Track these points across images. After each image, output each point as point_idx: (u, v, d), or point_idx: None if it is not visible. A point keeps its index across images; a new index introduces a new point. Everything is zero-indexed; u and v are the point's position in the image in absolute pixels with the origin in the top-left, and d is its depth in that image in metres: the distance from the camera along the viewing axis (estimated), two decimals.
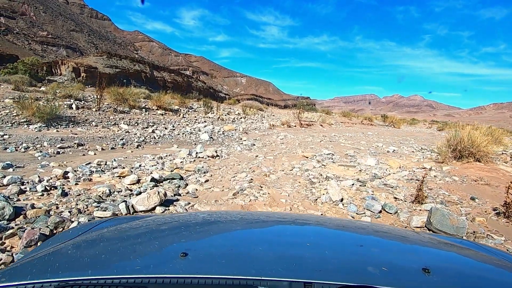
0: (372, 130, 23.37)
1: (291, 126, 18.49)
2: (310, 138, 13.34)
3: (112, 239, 1.06)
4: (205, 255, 0.89)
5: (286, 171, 5.77)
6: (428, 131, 30.08)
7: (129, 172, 4.52)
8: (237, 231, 1.20)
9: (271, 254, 0.90)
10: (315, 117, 25.16)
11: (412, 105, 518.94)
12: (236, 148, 8.98)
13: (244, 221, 1.32)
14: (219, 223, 1.28)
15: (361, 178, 5.28)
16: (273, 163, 6.80)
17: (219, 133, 12.20)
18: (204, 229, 1.17)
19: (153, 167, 5.28)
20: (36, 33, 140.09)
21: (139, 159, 6.34)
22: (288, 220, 1.40)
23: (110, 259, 0.87)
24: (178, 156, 6.83)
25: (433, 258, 1.04)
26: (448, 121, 60.32)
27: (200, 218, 1.37)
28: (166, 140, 9.62)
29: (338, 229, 1.30)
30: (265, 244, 1.02)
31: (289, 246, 1.00)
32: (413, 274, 0.83)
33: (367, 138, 16.03)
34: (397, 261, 0.96)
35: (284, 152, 8.75)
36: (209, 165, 6.03)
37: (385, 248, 1.11)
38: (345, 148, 10.98)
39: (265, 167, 6.16)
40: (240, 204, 3.81)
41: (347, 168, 6.29)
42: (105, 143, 8.06)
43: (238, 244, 1.04)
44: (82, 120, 9.81)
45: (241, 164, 6.51)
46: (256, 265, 0.81)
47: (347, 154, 8.83)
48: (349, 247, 1.09)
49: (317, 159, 7.41)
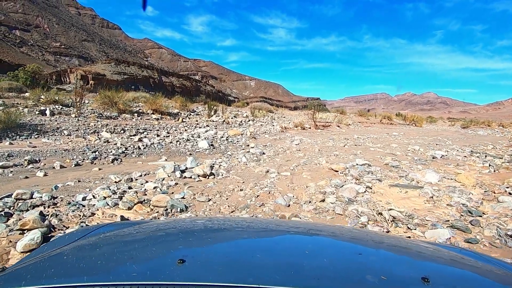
0: (395, 130, 20.96)
1: (305, 128, 16.34)
2: (330, 142, 11.16)
3: (109, 245, 1.04)
4: (203, 262, 0.86)
5: (315, 203, 3.66)
6: (452, 129, 27.57)
7: (38, 222, 2.50)
8: (235, 238, 1.17)
9: (269, 261, 0.89)
10: (331, 117, 22.88)
11: (425, 102, 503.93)
12: (241, 158, 6.95)
13: (242, 228, 1.30)
14: (217, 230, 1.25)
15: (451, 218, 3.08)
16: (292, 184, 4.72)
17: (222, 139, 10.21)
18: (202, 236, 1.15)
19: (102, 201, 3.31)
20: (49, 44, 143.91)
21: (96, 183, 4.40)
22: (286, 227, 1.38)
23: (106, 265, 0.85)
24: (157, 175, 4.86)
25: (432, 267, 1.02)
26: (465, 118, 57.01)
27: (198, 224, 1.36)
28: (154, 151, 7.69)
29: (336, 237, 1.26)
30: (263, 251, 1.00)
31: (287, 254, 0.97)
32: (412, 283, 0.80)
33: (396, 139, 13.70)
34: (396, 270, 0.93)
35: (303, 164, 6.65)
36: (195, 193, 4.01)
37: (384, 257, 1.07)
38: (377, 154, 8.78)
39: (281, 194, 4.08)
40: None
41: (406, 191, 4.13)
42: (69, 158, 6.19)
43: (236, 251, 1.01)
44: (52, 128, 8.03)
45: (244, 187, 4.47)
46: (254, 272, 0.80)
47: (388, 164, 6.64)
48: (347, 255, 1.04)
49: (352, 174, 5.28)
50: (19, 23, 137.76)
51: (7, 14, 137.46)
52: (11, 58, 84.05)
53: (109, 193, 3.60)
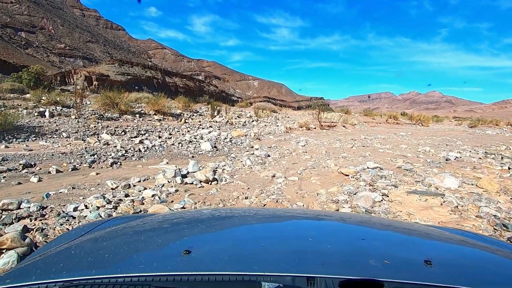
0: (402, 129, 20.52)
1: (310, 129, 15.98)
2: (337, 143, 10.80)
3: (115, 238, 1.04)
4: (208, 252, 0.87)
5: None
6: (460, 128, 27.08)
7: (17, 241, 2.19)
8: (239, 227, 1.18)
9: (273, 249, 0.90)
10: (335, 117, 22.48)
11: (430, 101, 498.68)
12: (245, 161, 6.64)
13: (246, 217, 1.30)
14: (221, 220, 1.25)
15: (484, 233, 2.73)
16: (300, 191, 4.39)
17: (226, 140, 9.91)
18: (207, 226, 1.15)
19: (94, 212, 3.02)
20: (54, 46, 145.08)
21: (92, 190, 4.11)
22: (289, 215, 1.39)
23: (113, 258, 0.85)
24: (156, 180, 4.57)
25: (434, 250, 1.02)
26: (471, 117, 56.22)
27: (203, 215, 1.34)
28: (155, 153, 7.41)
29: (339, 223, 1.28)
30: (267, 239, 1.00)
31: (291, 241, 0.98)
32: (415, 266, 0.82)
33: (404, 140, 13.29)
34: (399, 254, 0.94)
35: (311, 167, 6.31)
36: (197, 201, 3.70)
37: (387, 241, 1.08)
38: (387, 155, 8.41)
39: (289, 202, 3.76)
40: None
41: (426, 199, 3.78)
42: (67, 162, 5.94)
43: (241, 240, 1.02)
44: (51, 130, 7.78)
45: (249, 194, 4.15)
46: (259, 261, 0.80)
47: (400, 168, 6.28)
48: (351, 240, 1.05)
49: (365, 179, 4.94)
50: (25, 25, 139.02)
51: (13, 16, 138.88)
52: (16, 60, 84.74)
53: (103, 202, 3.30)
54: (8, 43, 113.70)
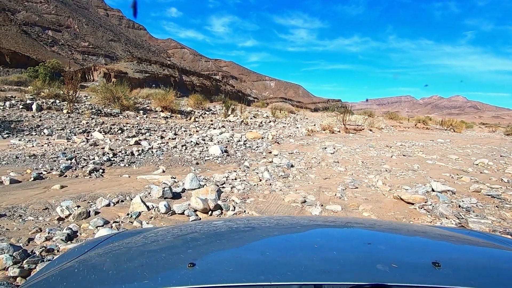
0: (435, 135, 18.31)
1: (334, 132, 14.20)
2: (371, 150, 9.02)
3: (119, 255, 1.02)
4: (213, 264, 0.86)
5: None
6: (496, 136, 24.42)
7: None
8: (243, 237, 1.15)
9: (279, 258, 0.88)
10: (360, 120, 20.47)
11: (453, 106, 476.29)
12: (262, 174, 5.08)
13: (249, 227, 1.28)
14: (225, 231, 1.23)
15: None
16: None
17: (239, 143, 8.39)
18: (210, 238, 1.13)
19: None
20: (78, 44, 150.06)
21: (28, 220, 2.68)
22: (293, 223, 1.36)
23: (117, 275, 0.83)
24: (131, 206, 3.08)
25: (442, 251, 1.00)
26: (498, 123, 52.49)
27: (206, 226, 1.33)
28: (151, 158, 5.99)
29: (344, 228, 1.25)
30: (272, 248, 0.99)
31: (296, 249, 0.97)
32: (424, 268, 0.79)
33: (447, 148, 11.27)
34: (406, 257, 0.91)
35: (351, 186, 4.65)
36: None
37: (393, 244, 1.05)
38: (442, 169, 6.59)
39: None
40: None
41: None
42: (31, 168, 4.60)
43: (246, 250, 1.00)
44: (31, 126, 6.56)
45: None
46: (264, 270, 0.78)
47: (480, 192, 4.49)
48: (357, 245, 1.02)
49: (443, 213, 3.24)
50: (52, 24, 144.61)
51: (41, 15, 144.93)
52: (41, 56, 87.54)
53: (17, 257, 1.83)
54: (35, 40, 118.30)
